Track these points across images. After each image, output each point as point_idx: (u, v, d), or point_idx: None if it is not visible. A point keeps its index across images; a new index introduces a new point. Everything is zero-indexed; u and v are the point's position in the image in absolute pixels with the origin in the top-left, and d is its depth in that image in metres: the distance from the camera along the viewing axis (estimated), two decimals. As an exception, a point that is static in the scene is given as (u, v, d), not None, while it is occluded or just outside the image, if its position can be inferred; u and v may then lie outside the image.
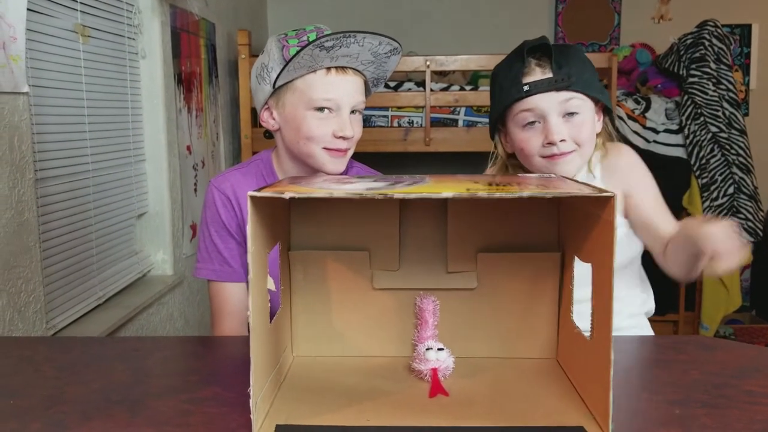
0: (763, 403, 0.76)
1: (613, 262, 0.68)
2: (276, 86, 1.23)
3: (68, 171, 1.85)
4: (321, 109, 1.21)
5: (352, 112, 1.24)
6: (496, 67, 1.31)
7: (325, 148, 1.24)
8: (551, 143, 1.19)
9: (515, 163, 1.31)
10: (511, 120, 1.24)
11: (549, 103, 1.19)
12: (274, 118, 1.27)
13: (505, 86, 1.22)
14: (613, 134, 1.30)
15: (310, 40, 1.19)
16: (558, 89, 1.19)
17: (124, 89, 2.20)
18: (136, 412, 0.76)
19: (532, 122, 1.21)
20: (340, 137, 1.22)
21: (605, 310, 0.69)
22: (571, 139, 1.20)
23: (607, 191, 0.69)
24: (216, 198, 1.29)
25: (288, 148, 1.28)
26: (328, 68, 1.21)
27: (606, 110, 1.26)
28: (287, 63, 1.18)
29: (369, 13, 4.02)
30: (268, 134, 1.32)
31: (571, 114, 1.20)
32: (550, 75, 1.19)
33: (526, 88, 1.19)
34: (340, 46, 1.17)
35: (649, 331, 1.32)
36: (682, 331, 3.41)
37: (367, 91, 1.29)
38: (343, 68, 1.22)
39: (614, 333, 0.68)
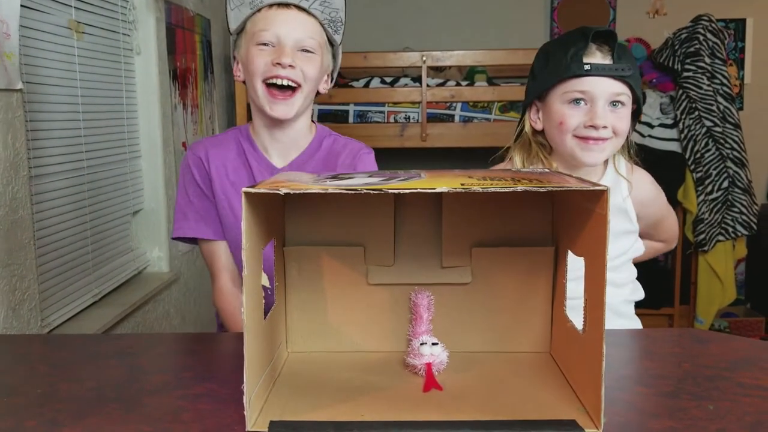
0: (755, 395, 0.77)
1: (605, 255, 0.68)
2: (234, 33, 1.26)
3: (63, 168, 1.85)
4: (263, 44, 1.22)
5: (303, 50, 1.23)
6: (549, 44, 1.32)
7: (265, 83, 1.22)
8: (593, 126, 1.21)
9: (540, 141, 1.32)
10: (556, 93, 1.25)
11: (603, 87, 1.21)
12: (240, 69, 1.29)
13: (563, 61, 1.22)
14: (632, 144, 1.34)
15: None
16: (615, 78, 1.21)
17: (119, 86, 2.19)
18: (131, 409, 0.76)
19: (578, 101, 1.22)
20: (277, 64, 1.20)
21: (598, 303, 0.69)
22: (611, 128, 1.22)
23: (600, 185, 0.69)
24: (190, 161, 1.32)
25: (250, 99, 1.29)
26: (270, 5, 1.23)
27: (634, 115, 1.29)
28: (227, 5, 1.22)
29: (365, 8, 4.01)
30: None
31: (616, 104, 1.22)
32: (609, 61, 1.21)
33: (587, 67, 1.20)
34: None
35: (635, 316, 1.38)
36: (677, 324, 3.43)
37: (329, 37, 1.28)
38: (286, 4, 1.23)
39: (616, 318, 0.68)
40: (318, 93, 1.31)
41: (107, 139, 2.12)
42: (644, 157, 1.38)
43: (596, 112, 1.21)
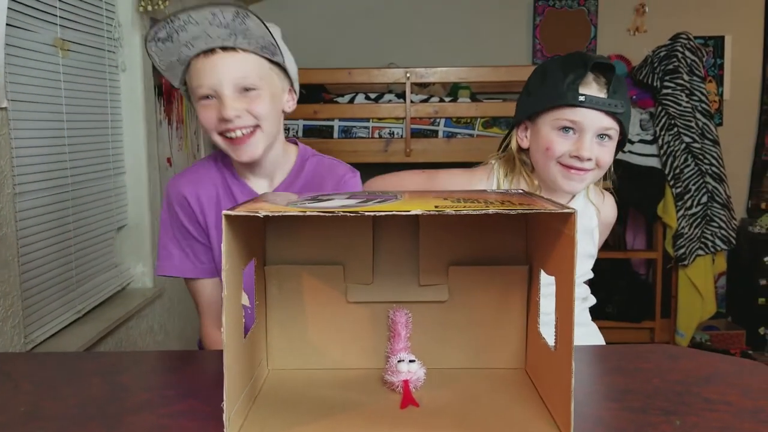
0: (721, 410, 0.79)
1: (574, 274, 0.70)
2: (181, 90, 1.25)
3: (47, 185, 1.86)
4: (205, 97, 1.18)
5: (246, 89, 1.17)
6: (549, 62, 1.32)
7: (221, 136, 1.20)
8: (578, 157, 1.23)
9: (524, 159, 1.35)
10: (547, 118, 1.26)
11: (594, 120, 1.23)
12: None
13: (560, 87, 1.24)
14: (610, 171, 1.35)
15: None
16: (608, 113, 1.23)
17: (104, 102, 2.21)
18: (113, 427, 0.77)
19: (568, 129, 1.25)
20: (225, 119, 1.16)
21: (567, 321, 0.72)
22: (595, 160, 1.25)
23: (568, 207, 0.71)
24: (174, 199, 1.29)
25: None
26: (197, 55, 1.17)
27: (618, 146, 1.30)
28: (154, 67, 1.21)
29: (349, 25, 4.06)
30: None
31: (603, 137, 1.25)
32: (604, 95, 1.23)
33: (581, 98, 1.22)
34: (180, 31, 1.13)
35: (592, 322, 1.45)
36: (658, 338, 3.46)
37: (270, 60, 1.21)
38: (210, 50, 1.16)
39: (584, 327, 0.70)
40: (285, 112, 1.27)
41: (92, 155, 2.13)
42: (622, 173, 1.43)
43: (583, 143, 1.23)
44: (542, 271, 0.85)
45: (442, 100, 3.35)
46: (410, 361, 0.87)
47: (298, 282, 0.93)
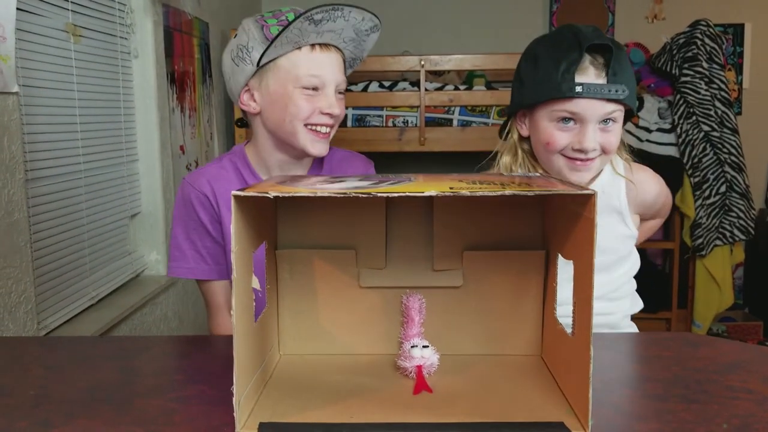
0: (742, 398, 0.77)
1: (593, 259, 0.68)
2: (260, 65, 1.22)
3: (60, 171, 1.86)
4: (308, 87, 1.21)
5: (337, 92, 1.24)
6: (538, 44, 1.21)
7: (309, 128, 1.23)
8: (582, 150, 1.15)
9: (525, 148, 1.27)
10: (544, 110, 1.17)
11: (595, 110, 1.13)
12: (255, 100, 1.25)
13: (554, 76, 1.12)
14: (623, 141, 1.26)
15: (289, 19, 1.19)
16: (609, 100, 1.13)
17: (116, 89, 2.20)
18: (122, 411, 0.76)
19: (567, 120, 1.15)
20: (327, 113, 1.22)
21: (585, 306, 0.70)
22: (600, 147, 1.16)
23: (587, 189, 0.69)
24: (192, 197, 1.26)
25: (271, 131, 1.26)
26: (312, 45, 1.21)
27: (626, 115, 1.20)
28: (275, 38, 1.17)
29: (363, 12, 4.02)
30: (240, 123, 1.32)
31: (608, 121, 1.15)
32: (603, 80, 1.12)
33: (578, 89, 1.11)
34: (328, 20, 1.17)
35: (632, 325, 1.35)
36: (674, 328, 3.43)
37: (345, 71, 1.29)
38: (326, 45, 1.22)
39: (609, 330, 0.69)
40: None
41: (104, 142, 2.12)
42: (641, 162, 1.36)
43: (585, 135, 1.14)
44: (559, 255, 0.83)
45: (456, 89, 3.31)
46: (424, 346, 0.85)
47: (309, 266, 0.92)
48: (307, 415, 0.74)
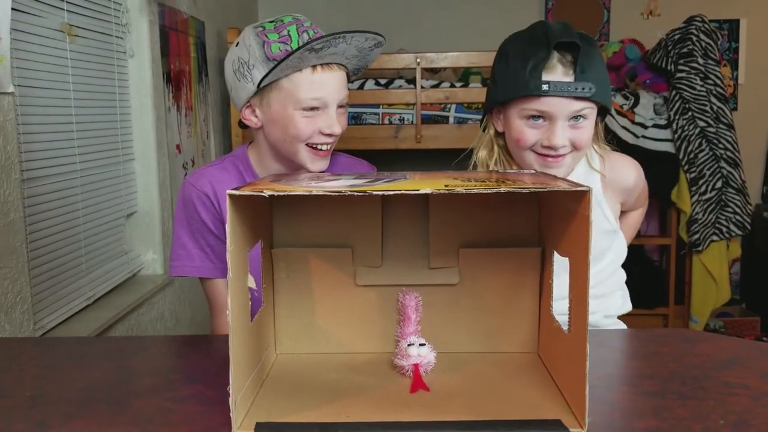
0: (739, 394, 0.77)
1: (588, 256, 0.68)
2: (260, 86, 1.22)
3: (55, 171, 1.85)
4: (309, 108, 1.21)
5: (339, 106, 1.25)
6: (510, 42, 1.23)
7: (310, 146, 1.24)
8: (551, 147, 1.16)
9: (501, 144, 1.28)
10: (514, 108, 1.19)
11: (562, 108, 1.14)
12: (256, 116, 1.26)
13: (521, 75, 1.14)
14: (600, 133, 1.27)
15: (291, 36, 1.19)
16: (576, 98, 1.14)
17: (112, 88, 2.20)
18: (119, 411, 0.76)
19: (537, 117, 1.17)
20: (327, 134, 1.23)
21: (581, 303, 0.70)
22: (570, 144, 1.17)
23: (582, 186, 0.69)
24: (194, 197, 1.27)
25: (272, 146, 1.28)
26: (314, 66, 1.21)
27: (602, 110, 1.22)
28: (275, 66, 1.17)
29: (359, 10, 4.02)
30: (243, 124, 1.31)
31: (578, 118, 1.16)
32: (571, 78, 1.13)
33: (545, 87, 1.12)
34: (329, 47, 1.17)
35: (618, 322, 1.34)
36: (672, 324, 3.44)
37: (348, 80, 1.29)
38: (328, 64, 1.22)
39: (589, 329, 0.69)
40: None
41: (100, 141, 2.12)
42: (636, 158, 1.35)
43: (554, 132, 1.15)
44: (555, 252, 0.83)
45: (453, 86, 3.31)
46: (420, 344, 0.85)
47: (305, 265, 0.92)
48: (304, 414, 0.74)
